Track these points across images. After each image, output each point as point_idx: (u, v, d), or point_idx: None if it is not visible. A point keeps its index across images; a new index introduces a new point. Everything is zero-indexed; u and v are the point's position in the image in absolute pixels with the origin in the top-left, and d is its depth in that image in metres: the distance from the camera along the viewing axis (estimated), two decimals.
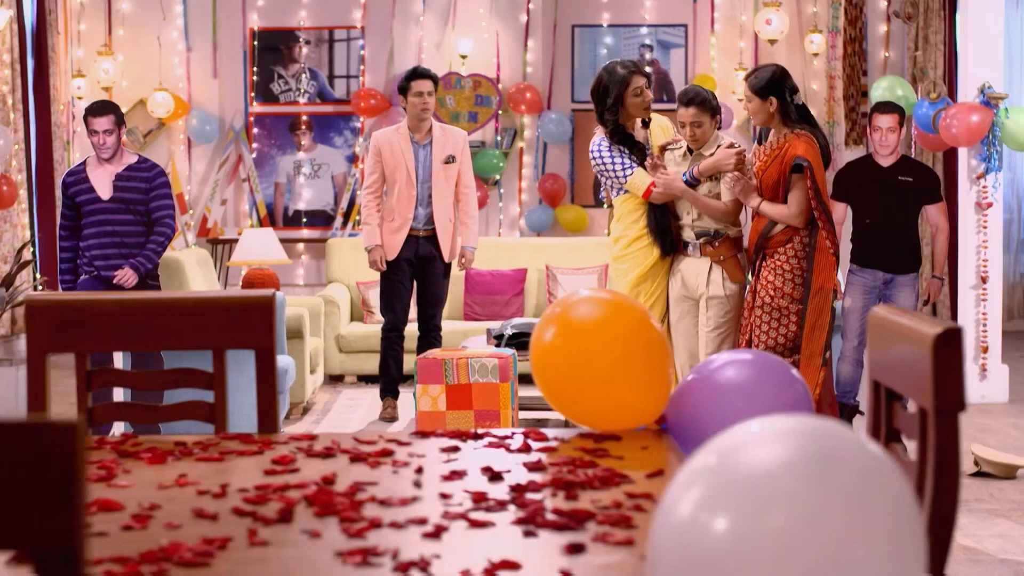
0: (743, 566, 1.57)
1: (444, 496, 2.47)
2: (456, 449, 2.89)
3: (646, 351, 3.07)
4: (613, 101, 6.65)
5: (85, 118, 7.51)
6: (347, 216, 12.61)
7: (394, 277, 8.78)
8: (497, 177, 12.59)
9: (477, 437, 3.01)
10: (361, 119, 12.57)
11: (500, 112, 12.56)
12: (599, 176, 6.89)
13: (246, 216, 12.68)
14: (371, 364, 10.16)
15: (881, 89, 10.00)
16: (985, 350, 9.30)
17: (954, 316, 10.49)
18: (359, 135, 12.58)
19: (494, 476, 2.62)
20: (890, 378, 2.55)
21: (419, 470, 2.69)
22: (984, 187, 9.25)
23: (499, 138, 12.65)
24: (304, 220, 12.65)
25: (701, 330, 6.64)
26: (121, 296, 3.18)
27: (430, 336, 8.94)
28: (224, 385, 3.14)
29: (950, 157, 11.59)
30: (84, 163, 7.58)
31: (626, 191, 6.73)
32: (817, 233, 6.34)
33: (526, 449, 2.89)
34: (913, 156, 10.30)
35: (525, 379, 8.77)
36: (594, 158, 6.72)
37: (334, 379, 10.42)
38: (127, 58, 12.49)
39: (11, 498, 1.40)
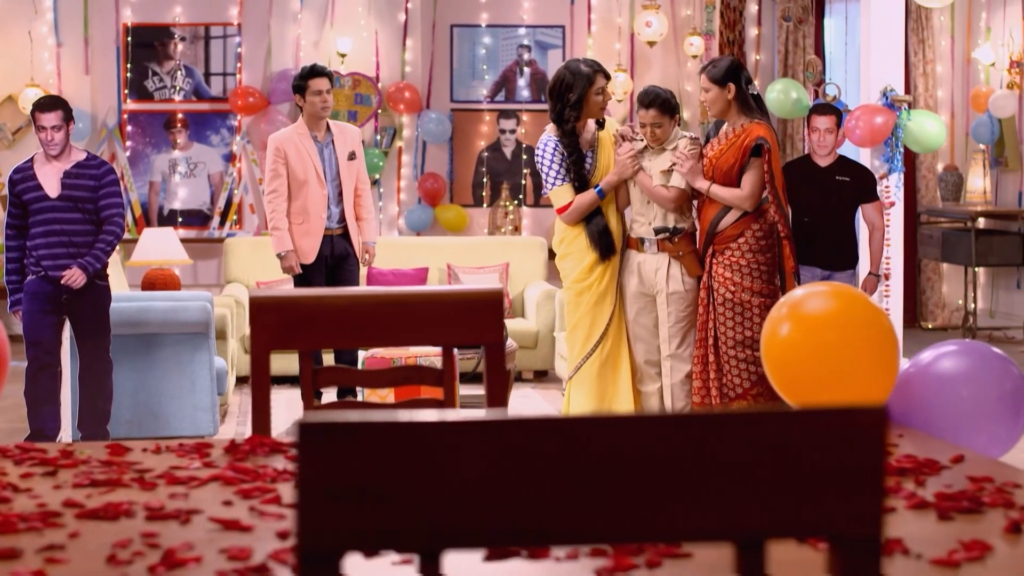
0: None
1: None
2: None
3: (879, 341, 3.13)
4: (577, 99, 6.64)
5: (33, 113, 7.23)
6: (224, 215, 12.38)
7: (310, 278, 8.64)
8: (377, 176, 12.51)
9: None
10: (238, 117, 12.36)
11: (379, 111, 12.49)
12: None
13: None
14: (278, 364, 9.95)
15: (776, 91, 10.23)
16: None
17: None
18: (236, 133, 12.37)
19: None
20: None
21: None
22: (887, 187, 9.56)
23: (379, 137, 12.59)
24: (180, 220, 12.37)
25: (662, 325, 6.70)
26: (349, 293, 3.12)
27: None
28: (454, 381, 3.10)
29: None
30: (31, 160, 7.28)
31: None
32: (769, 224, 6.48)
33: None
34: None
35: (463, 378, 8.74)
36: (537, 155, 6.75)
37: (241, 380, 10.19)
38: None
39: (819, 484, 1.40)
